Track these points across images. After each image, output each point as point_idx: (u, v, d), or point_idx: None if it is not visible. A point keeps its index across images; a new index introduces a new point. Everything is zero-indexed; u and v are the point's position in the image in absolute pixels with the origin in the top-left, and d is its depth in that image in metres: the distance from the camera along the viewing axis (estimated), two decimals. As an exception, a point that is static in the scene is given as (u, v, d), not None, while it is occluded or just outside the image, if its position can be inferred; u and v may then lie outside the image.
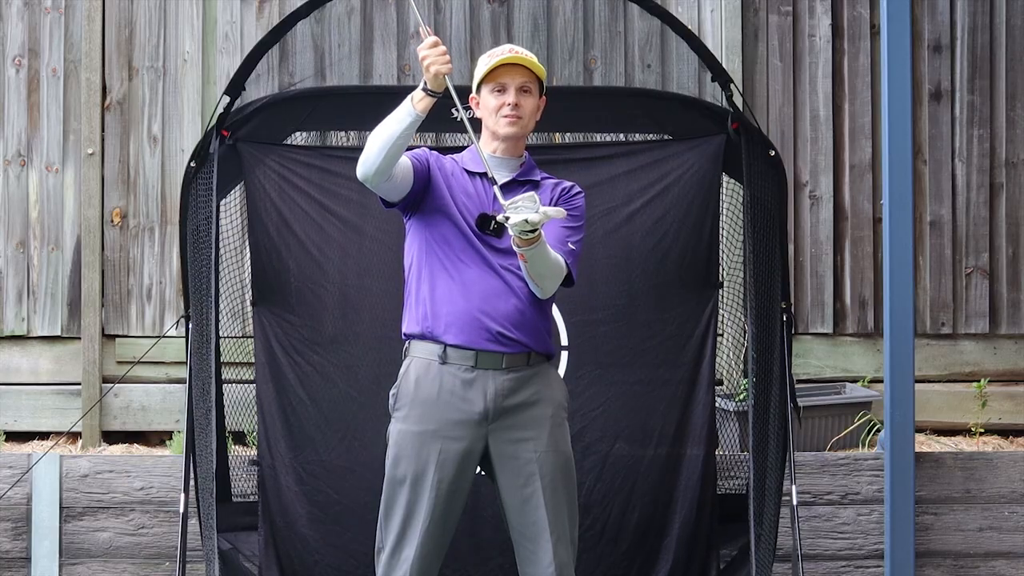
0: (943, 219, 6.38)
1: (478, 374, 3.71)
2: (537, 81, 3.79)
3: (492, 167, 3.71)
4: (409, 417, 3.75)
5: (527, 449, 3.73)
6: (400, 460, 3.76)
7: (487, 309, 3.70)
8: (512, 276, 3.73)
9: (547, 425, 3.75)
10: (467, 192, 3.78)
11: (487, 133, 3.82)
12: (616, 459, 4.59)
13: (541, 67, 3.79)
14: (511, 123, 3.74)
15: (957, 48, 6.40)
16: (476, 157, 3.79)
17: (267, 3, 6.40)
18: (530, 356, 3.76)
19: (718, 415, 4.82)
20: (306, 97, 4.68)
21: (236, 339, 4.92)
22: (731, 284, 4.89)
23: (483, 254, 3.73)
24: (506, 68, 3.75)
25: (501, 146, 3.80)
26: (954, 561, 5.14)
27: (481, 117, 3.82)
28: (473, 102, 3.84)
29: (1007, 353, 6.40)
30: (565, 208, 3.72)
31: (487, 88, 3.78)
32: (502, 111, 3.74)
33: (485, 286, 3.71)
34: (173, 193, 6.24)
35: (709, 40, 6.27)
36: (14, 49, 6.43)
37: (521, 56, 3.75)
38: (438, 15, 6.37)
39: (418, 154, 3.79)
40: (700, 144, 4.60)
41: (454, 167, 3.84)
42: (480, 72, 3.79)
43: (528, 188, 3.73)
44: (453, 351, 3.72)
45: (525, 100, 3.76)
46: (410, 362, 3.80)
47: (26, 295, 6.41)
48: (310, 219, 4.59)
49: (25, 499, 5.14)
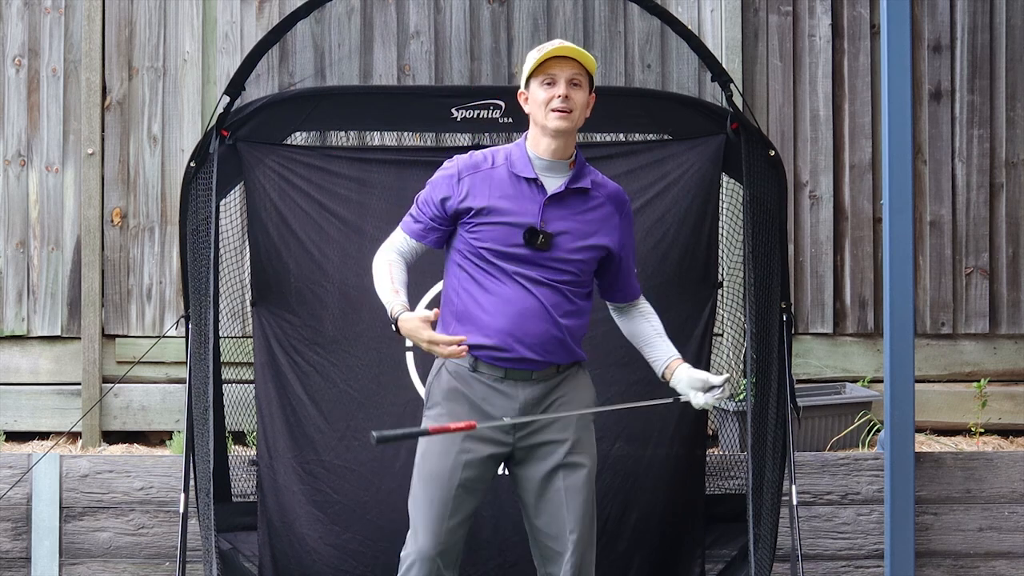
0: (943, 219, 6.38)
1: (508, 385, 3.70)
2: (588, 75, 3.70)
3: (541, 169, 3.68)
4: (441, 416, 3.73)
5: (552, 451, 3.72)
6: (428, 455, 3.74)
7: (519, 333, 3.65)
8: (549, 292, 3.67)
9: (573, 428, 3.74)
10: (511, 197, 3.69)
11: (535, 129, 3.71)
12: (615, 459, 4.59)
13: (593, 60, 3.70)
14: (561, 116, 3.64)
15: (957, 48, 6.40)
16: (524, 158, 3.71)
17: (267, 3, 6.40)
18: (559, 367, 3.74)
19: (718, 415, 4.82)
20: (306, 97, 4.67)
21: (236, 339, 4.92)
22: (731, 284, 4.89)
23: (522, 268, 3.66)
24: (556, 60, 3.65)
25: (551, 145, 3.69)
26: (954, 561, 5.14)
27: (529, 112, 3.72)
28: (521, 97, 3.75)
29: (1007, 353, 6.40)
30: (625, 226, 3.81)
31: (536, 81, 3.68)
32: (552, 104, 3.64)
33: (520, 306, 3.65)
34: (173, 193, 6.25)
35: (709, 40, 6.27)
36: (14, 49, 6.43)
37: (572, 48, 3.66)
38: (438, 15, 6.37)
39: (422, 221, 3.75)
40: (700, 144, 4.59)
41: (495, 171, 3.72)
42: (529, 65, 3.69)
43: (576, 198, 3.70)
44: (483, 364, 3.71)
45: (576, 93, 3.66)
46: (443, 363, 3.77)
47: (26, 295, 6.41)
48: (310, 219, 4.58)
49: (25, 499, 5.14)
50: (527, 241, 3.62)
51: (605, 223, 3.75)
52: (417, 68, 6.31)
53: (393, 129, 4.88)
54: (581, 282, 3.73)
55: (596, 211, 3.74)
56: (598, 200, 3.75)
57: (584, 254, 3.70)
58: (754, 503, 4.23)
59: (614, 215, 3.78)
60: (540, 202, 3.67)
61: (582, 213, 3.72)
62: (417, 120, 4.66)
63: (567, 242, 3.68)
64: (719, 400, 3.76)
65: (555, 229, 3.66)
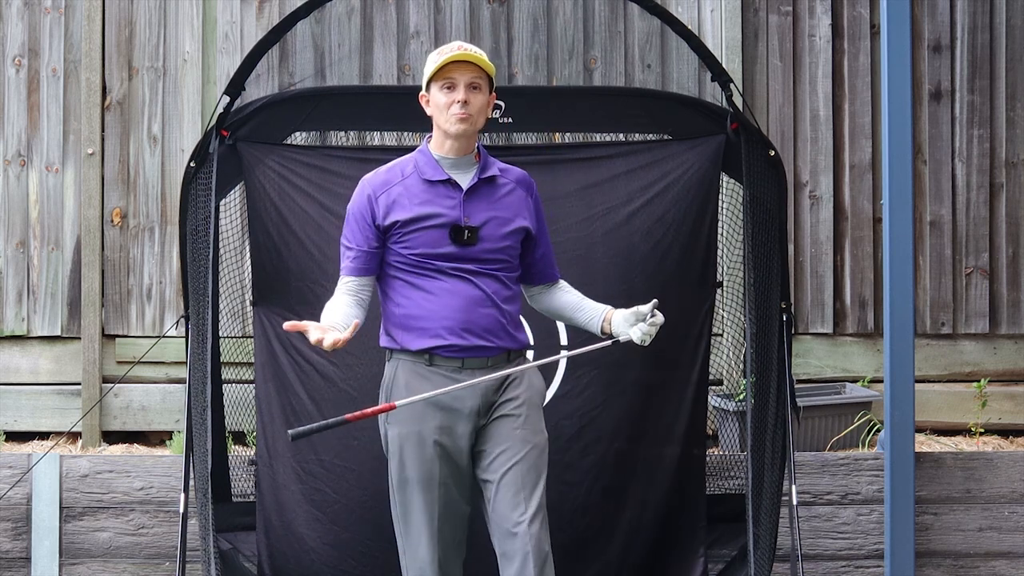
0: (943, 219, 6.38)
1: (466, 374, 3.76)
2: (487, 78, 3.79)
3: (449, 168, 3.80)
4: (405, 420, 3.76)
5: (507, 425, 3.78)
6: (405, 463, 3.78)
7: (467, 323, 3.75)
8: (488, 280, 3.78)
9: (525, 408, 3.80)
10: (430, 202, 3.78)
11: (438, 132, 3.82)
12: (614, 459, 4.59)
13: (490, 64, 3.80)
14: (461, 120, 3.74)
15: (957, 48, 6.40)
16: (431, 162, 3.83)
17: (267, 3, 6.40)
18: (510, 353, 3.83)
19: (718, 415, 4.82)
20: (306, 97, 4.67)
21: (236, 339, 4.92)
22: (731, 284, 4.89)
23: (458, 264, 3.76)
24: (455, 65, 3.75)
25: (454, 145, 3.81)
26: (954, 561, 5.14)
27: (431, 115, 3.82)
28: (423, 100, 3.85)
29: (1007, 353, 6.40)
30: (537, 208, 3.89)
31: (436, 85, 3.77)
32: (452, 109, 3.74)
33: (464, 298, 3.75)
34: (173, 193, 6.25)
35: (709, 40, 6.28)
36: (14, 49, 6.43)
37: (470, 53, 3.75)
38: (438, 15, 6.37)
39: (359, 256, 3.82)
40: (700, 144, 4.59)
41: (407, 180, 3.82)
42: (429, 69, 3.79)
43: (488, 187, 3.80)
44: (439, 357, 3.77)
45: (474, 97, 3.76)
46: (396, 365, 3.83)
47: (26, 295, 6.41)
48: (310, 219, 4.58)
49: (25, 499, 5.14)
50: (454, 239, 3.75)
51: (520, 206, 3.87)
52: (417, 68, 6.31)
53: (393, 129, 4.88)
54: (513, 266, 3.85)
55: (510, 196, 3.86)
56: (508, 186, 3.88)
57: (510, 239, 3.82)
58: (754, 503, 4.23)
59: (526, 197, 3.90)
60: (458, 199, 3.78)
61: (498, 200, 3.84)
62: (417, 120, 4.61)
63: (492, 230, 3.80)
64: (655, 326, 3.75)
65: (478, 221, 3.78)
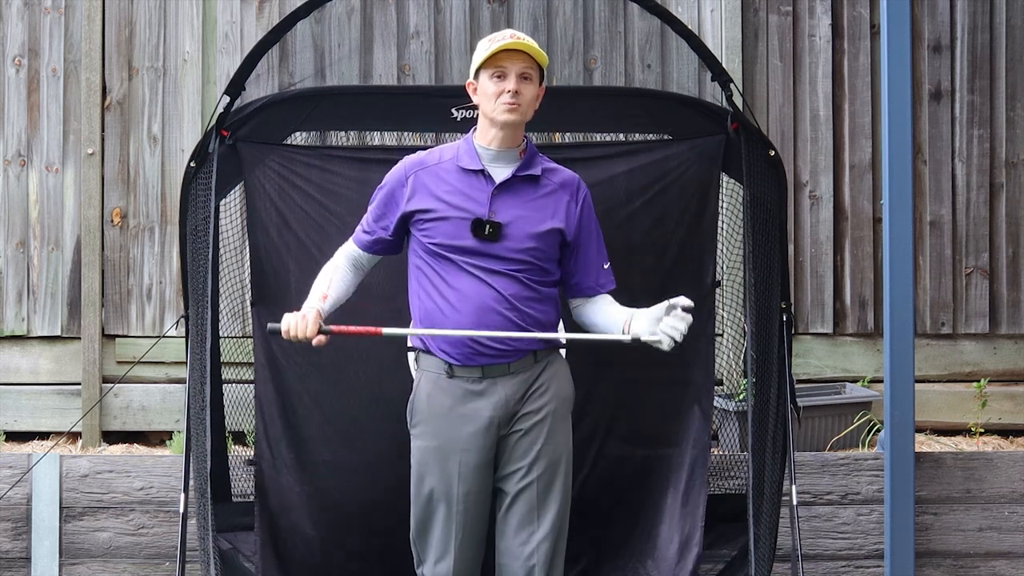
0: (943, 219, 6.38)
1: (487, 384, 3.70)
2: (538, 68, 3.70)
3: (489, 160, 3.68)
4: (426, 433, 3.74)
5: (525, 443, 3.72)
6: (425, 477, 3.75)
7: (481, 327, 3.65)
8: (507, 281, 3.67)
9: (548, 420, 3.74)
10: (461, 192, 3.70)
11: (484, 121, 3.72)
12: (613, 458, 4.59)
13: (543, 54, 3.70)
14: (510, 110, 3.64)
15: (957, 48, 6.40)
16: (471, 151, 3.72)
17: (267, 3, 6.40)
18: (536, 354, 3.74)
19: (718, 415, 4.81)
20: (306, 97, 4.66)
21: (236, 339, 4.91)
22: (731, 284, 4.89)
23: (477, 260, 3.67)
24: (507, 54, 3.64)
25: (499, 135, 3.70)
26: (954, 561, 5.14)
27: (478, 103, 3.73)
28: (470, 87, 3.77)
29: (1007, 353, 6.40)
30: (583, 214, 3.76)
31: (486, 73, 3.68)
32: (501, 98, 3.64)
33: (478, 300, 3.65)
34: (173, 193, 6.25)
35: (709, 40, 6.28)
36: (14, 49, 6.43)
37: (523, 42, 3.65)
38: (438, 15, 6.37)
39: (370, 232, 3.81)
40: (700, 144, 4.59)
41: (442, 166, 3.74)
42: (480, 57, 3.69)
43: (525, 185, 3.70)
44: (458, 368, 3.71)
45: (525, 87, 3.66)
46: (420, 376, 3.80)
47: (26, 295, 6.41)
48: (310, 219, 4.58)
49: (25, 499, 5.14)
50: (475, 233, 3.64)
51: (558, 209, 3.74)
52: (417, 68, 6.31)
53: (393, 129, 4.88)
54: (541, 269, 3.71)
55: (548, 197, 3.74)
56: (550, 187, 3.75)
57: (538, 241, 3.70)
58: (754, 503, 4.23)
59: (569, 202, 3.77)
60: (488, 192, 3.68)
61: (533, 200, 3.72)
62: (417, 120, 4.65)
63: (519, 229, 3.68)
64: (685, 321, 3.62)
65: (505, 218, 3.67)
